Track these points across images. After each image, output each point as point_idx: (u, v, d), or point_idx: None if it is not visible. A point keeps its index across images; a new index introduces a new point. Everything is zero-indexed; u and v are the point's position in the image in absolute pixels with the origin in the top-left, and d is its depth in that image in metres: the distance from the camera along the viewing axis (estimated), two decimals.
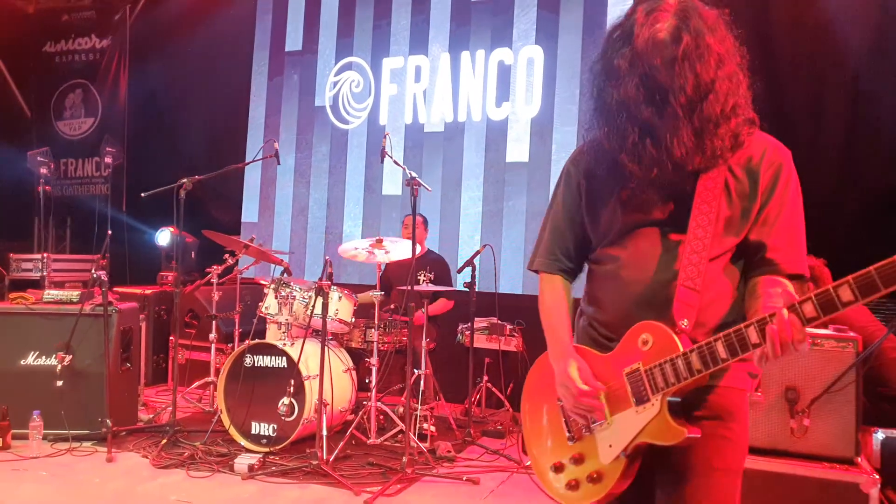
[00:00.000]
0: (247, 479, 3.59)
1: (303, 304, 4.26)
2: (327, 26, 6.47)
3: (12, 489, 3.40)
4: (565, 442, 1.60)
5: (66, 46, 8.11)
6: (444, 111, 5.87)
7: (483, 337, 4.78)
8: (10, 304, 4.30)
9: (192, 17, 7.15)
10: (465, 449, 4.19)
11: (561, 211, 1.69)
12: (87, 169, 7.96)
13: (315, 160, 6.51)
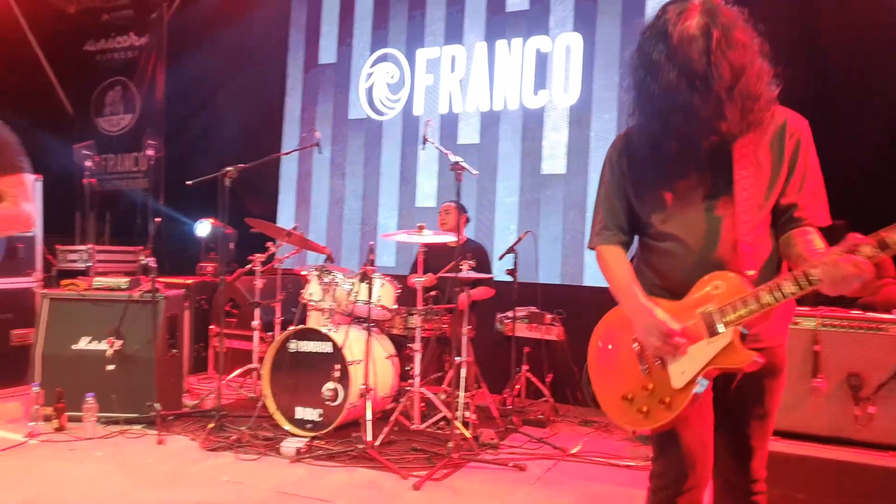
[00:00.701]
0: (294, 463, 3.64)
1: (345, 290, 4.29)
2: (362, 18, 6.51)
3: (71, 468, 3.49)
4: (639, 375, 1.80)
5: (105, 45, 8.25)
6: (480, 100, 5.87)
7: (523, 326, 4.77)
8: (63, 290, 4.41)
9: (228, 13, 7.23)
10: (507, 437, 4.19)
11: (610, 192, 1.89)
12: (126, 164, 8.10)
13: (350, 152, 6.55)
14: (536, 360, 4.83)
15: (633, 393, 1.80)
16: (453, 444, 3.65)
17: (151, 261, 4.22)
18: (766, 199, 1.70)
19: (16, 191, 2.32)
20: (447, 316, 4.49)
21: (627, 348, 1.84)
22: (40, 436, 3.93)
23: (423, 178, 6.12)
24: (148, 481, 3.35)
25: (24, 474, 3.31)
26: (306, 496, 3.18)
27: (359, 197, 6.50)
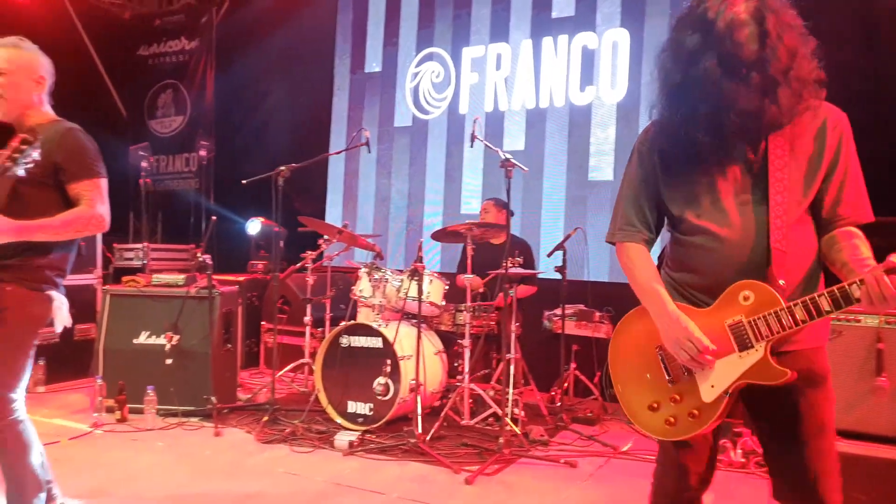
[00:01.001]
0: (347, 456, 3.70)
1: (395, 287, 4.35)
2: (408, 19, 6.57)
3: (135, 457, 3.62)
4: (664, 384, 1.76)
5: (157, 49, 8.50)
6: (526, 98, 5.87)
7: (571, 323, 4.76)
8: (124, 286, 4.56)
9: (275, 16, 7.38)
10: (557, 434, 4.19)
11: (636, 186, 1.83)
12: (176, 164, 8.32)
13: (396, 151, 6.62)
14: (585, 358, 4.81)
15: (658, 402, 1.76)
16: (504, 439, 3.67)
17: (207, 258, 4.34)
18: (804, 194, 1.64)
19: (92, 194, 2.42)
20: (495, 313, 4.51)
21: (651, 354, 1.79)
22: (104, 426, 4.08)
23: (469, 175, 6.15)
24: (208, 471, 3.46)
25: (93, 462, 3.45)
26: (361, 488, 3.24)
27: (404, 195, 6.56)
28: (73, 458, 2.85)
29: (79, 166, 2.42)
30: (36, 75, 2.48)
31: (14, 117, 2.46)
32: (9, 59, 2.41)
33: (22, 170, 2.17)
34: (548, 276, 4.73)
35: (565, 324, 4.58)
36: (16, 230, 2.22)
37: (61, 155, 2.38)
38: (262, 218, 6.42)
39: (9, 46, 2.43)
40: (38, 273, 2.39)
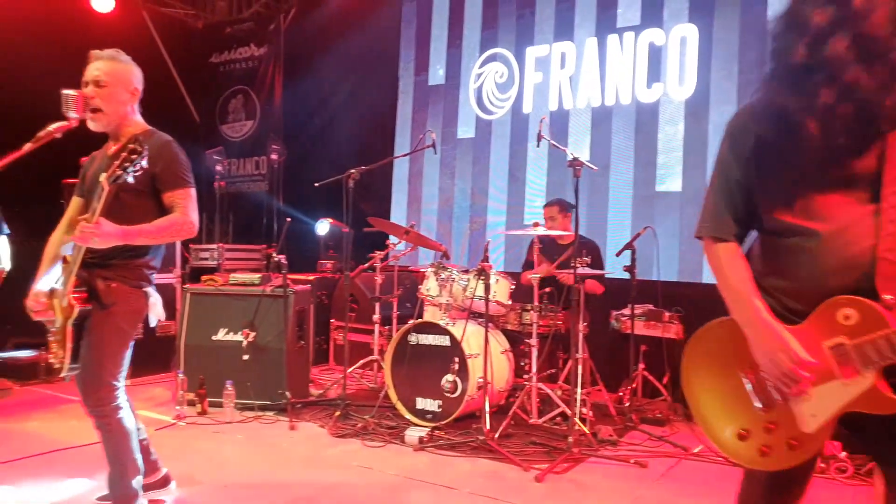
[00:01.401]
0: (418, 451, 3.78)
1: (462, 286, 4.40)
2: (471, 19, 6.62)
3: (217, 448, 3.79)
4: (752, 410, 1.58)
5: (228, 56, 8.81)
6: (591, 96, 5.83)
7: (640, 323, 4.71)
8: (203, 285, 4.77)
9: (340, 22, 7.55)
10: (625, 434, 4.16)
11: (728, 174, 1.62)
12: (247, 167, 8.61)
13: (459, 151, 6.68)
14: (654, 359, 4.75)
15: (749, 430, 1.58)
16: (573, 438, 3.68)
17: (282, 258, 4.50)
18: None
19: (185, 202, 2.59)
20: (562, 312, 4.51)
21: (738, 376, 1.61)
22: (186, 418, 4.28)
23: (533, 175, 6.15)
24: (286, 463, 3.59)
25: (179, 452, 3.62)
26: (433, 483, 3.30)
27: (467, 196, 6.61)
28: (159, 448, 3.02)
29: (174, 176, 2.58)
30: (132, 87, 2.65)
31: (111, 128, 2.63)
32: (108, 72, 2.57)
33: (131, 177, 2.32)
34: (616, 275, 4.69)
35: (634, 324, 4.54)
36: (122, 235, 2.39)
37: (159, 165, 2.54)
38: (330, 219, 6.59)
39: (108, 59, 2.59)
40: (138, 272, 2.57)
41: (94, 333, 2.51)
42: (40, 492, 3.09)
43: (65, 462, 3.48)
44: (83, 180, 2.73)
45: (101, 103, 2.54)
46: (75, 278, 2.44)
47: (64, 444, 3.72)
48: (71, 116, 2.41)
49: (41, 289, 2.58)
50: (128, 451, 2.59)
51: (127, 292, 2.54)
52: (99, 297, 2.49)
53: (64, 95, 2.42)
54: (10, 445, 3.70)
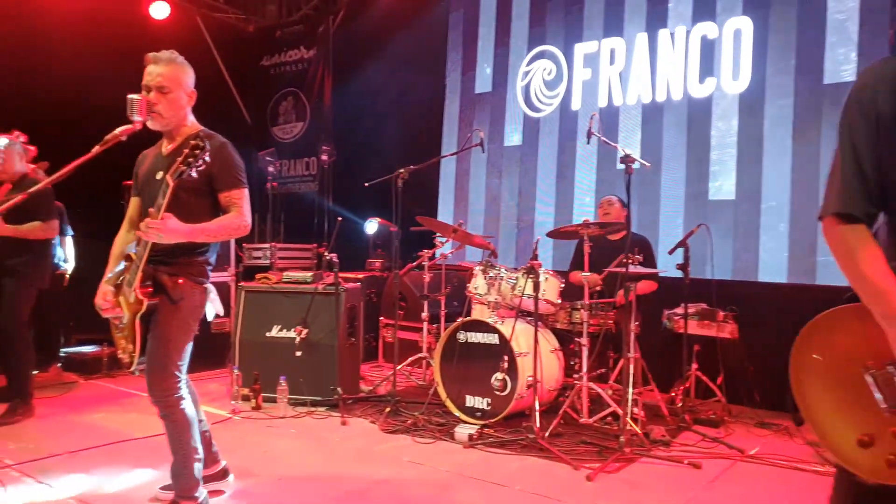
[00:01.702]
0: (468, 448, 3.79)
1: (510, 284, 4.40)
2: (519, 17, 6.60)
3: (272, 442, 3.88)
4: (879, 412, 1.41)
5: (278, 59, 8.99)
6: (642, 92, 5.75)
7: (693, 323, 4.62)
8: (257, 283, 4.89)
9: (388, 23, 7.62)
10: (678, 435, 4.10)
11: (859, 146, 1.42)
12: (297, 168, 8.77)
13: (507, 150, 6.67)
14: (707, 359, 4.66)
15: (872, 435, 1.41)
16: (625, 438, 3.64)
17: (334, 257, 4.58)
18: None
19: (241, 202, 2.69)
20: (613, 311, 4.46)
21: (859, 372, 1.44)
22: (241, 413, 4.40)
23: (582, 172, 6.10)
24: (339, 458, 3.65)
25: (235, 445, 3.72)
26: (484, 480, 3.31)
27: (515, 194, 6.60)
28: (216, 441, 3.12)
29: (230, 177, 2.67)
30: (189, 90, 2.74)
31: (169, 129, 2.72)
32: (169, 77, 2.65)
33: (194, 171, 2.41)
34: (669, 273, 4.62)
35: (687, 323, 4.46)
36: (188, 233, 2.50)
37: (216, 166, 2.63)
38: (378, 218, 6.66)
39: (167, 62, 2.67)
40: (199, 268, 2.68)
41: (161, 327, 2.61)
42: (105, 481, 3.21)
43: (128, 453, 3.62)
44: (136, 179, 2.84)
45: (164, 108, 2.63)
46: (141, 274, 2.53)
47: (126, 435, 3.87)
48: (135, 119, 2.50)
49: (109, 286, 2.69)
50: (190, 440, 2.69)
51: (191, 287, 2.65)
52: (167, 292, 2.59)
53: (129, 100, 2.51)
54: (77, 436, 3.86)
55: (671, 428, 4.14)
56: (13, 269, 4.13)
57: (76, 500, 2.97)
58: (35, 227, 4.14)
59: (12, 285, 4.12)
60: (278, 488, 3.19)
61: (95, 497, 3.01)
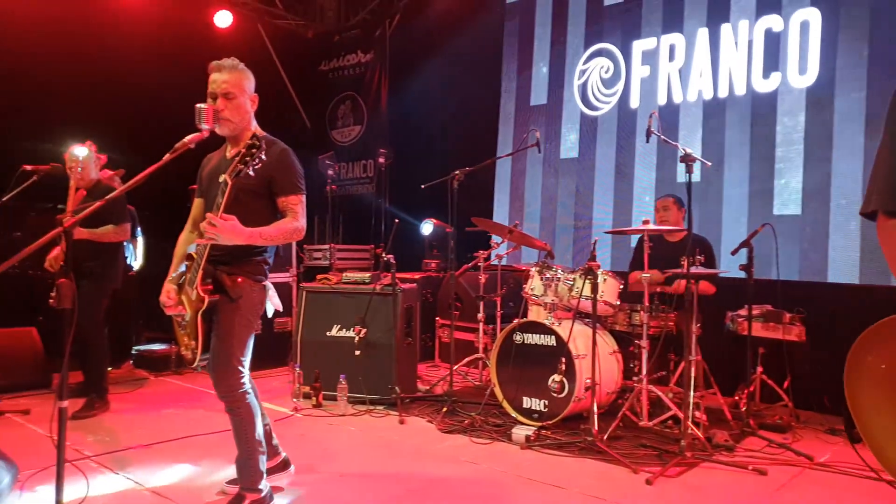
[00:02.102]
0: (525, 449, 3.79)
1: (567, 285, 4.37)
2: (575, 15, 6.54)
3: (332, 439, 3.97)
4: None
5: (336, 63, 9.16)
6: (703, 88, 5.61)
7: (758, 325, 4.48)
8: (318, 284, 5.00)
9: (444, 24, 7.67)
10: (743, 440, 3.99)
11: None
12: (355, 171, 8.92)
13: (564, 149, 6.61)
14: (772, 362, 4.51)
15: None
16: (686, 442, 3.57)
17: (391, 258, 4.64)
18: None
19: (297, 208, 2.79)
20: (673, 313, 4.38)
21: None
22: (302, 410, 4.51)
23: (641, 171, 6.00)
24: (397, 456, 3.71)
25: (296, 442, 3.83)
26: (541, 481, 3.31)
27: (571, 193, 6.54)
28: (279, 438, 3.21)
29: (289, 183, 2.77)
30: (252, 94, 2.83)
31: (235, 134, 2.82)
32: (234, 83, 2.75)
33: (251, 170, 2.50)
34: (731, 274, 4.50)
35: (752, 325, 4.33)
36: (246, 235, 2.58)
37: (276, 171, 2.73)
38: (434, 219, 6.71)
39: (230, 69, 2.77)
40: (258, 267, 2.78)
41: (224, 325, 2.71)
42: (175, 473, 3.35)
43: (196, 447, 3.76)
44: (201, 181, 2.95)
45: (230, 113, 2.73)
46: (202, 272, 2.64)
47: (194, 431, 4.02)
48: (203, 128, 2.59)
49: (172, 285, 2.81)
50: (254, 433, 2.78)
51: (250, 286, 2.74)
52: (227, 291, 2.69)
53: (197, 109, 2.61)
54: (149, 430, 4.04)
55: (735, 433, 4.03)
56: (89, 271, 4.35)
57: (150, 491, 3.12)
58: (108, 230, 4.36)
59: (88, 286, 4.34)
60: (340, 485, 3.27)
61: (168, 489, 3.14)
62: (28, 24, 6.19)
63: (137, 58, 6.70)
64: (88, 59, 6.49)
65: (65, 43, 6.35)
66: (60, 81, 6.28)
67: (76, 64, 6.37)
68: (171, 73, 6.29)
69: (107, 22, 6.72)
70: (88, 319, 4.35)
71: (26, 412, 4.28)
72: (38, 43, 6.19)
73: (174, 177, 4.33)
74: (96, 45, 6.57)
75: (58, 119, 5.98)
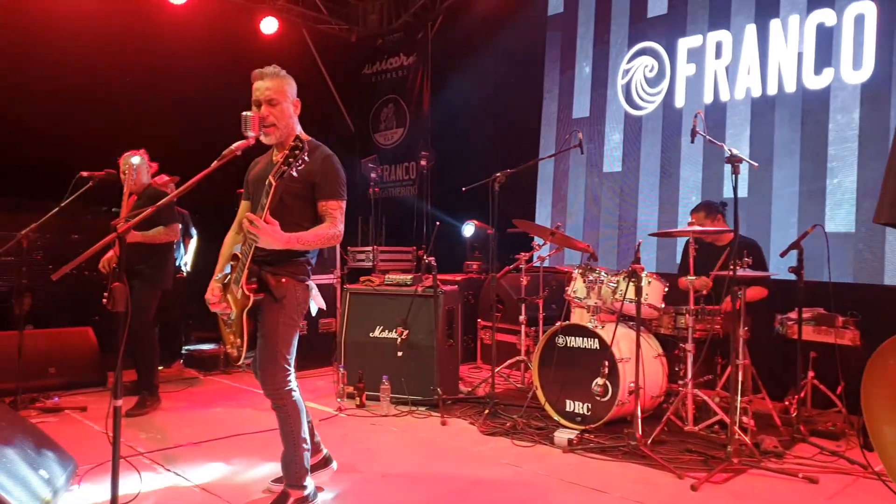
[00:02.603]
0: (567, 453, 3.76)
1: (610, 288, 4.32)
2: (619, 14, 6.47)
3: (375, 439, 4.02)
4: None
5: (379, 67, 9.25)
6: (751, 85, 5.48)
7: (809, 328, 4.35)
8: (360, 285, 5.07)
9: (486, 26, 7.67)
10: (793, 447, 3.88)
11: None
12: (398, 173, 8.99)
13: (607, 149, 6.54)
14: (825, 367, 4.37)
15: None
16: (732, 448, 3.49)
17: (432, 260, 4.67)
18: None
19: (336, 213, 2.84)
20: (720, 316, 4.29)
21: None
22: (346, 410, 4.57)
23: (687, 171, 5.90)
24: (439, 457, 3.73)
25: (339, 441, 3.88)
26: (583, 485, 3.28)
27: (616, 194, 6.46)
28: (323, 437, 3.27)
29: (331, 188, 2.83)
30: (294, 99, 2.90)
31: (281, 140, 2.88)
32: (277, 90, 2.82)
33: (294, 171, 2.56)
34: (781, 277, 4.38)
35: (802, 328, 4.21)
36: (286, 241, 2.67)
37: (319, 175, 2.79)
38: (475, 220, 6.72)
39: (272, 76, 2.83)
40: (301, 267, 2.85)
41: (269, 324, 2.78)
42: (224, 471, 3.45)
43: (243, 445, 3.86)
44: (247, 185, 3.03)
45: (276, 120, 2.80)
46: (247, 272, 2.72)
47: (242, 430, 4.12)
48: (249, 135, 2.66)
49: (217, 284, 2.89)
50: (300, 430, 2.84)
51: (294, 285, 2.81)
52: (271, 290, 2.76)
53: (243, 117, 2.68)
54: (199, 428, 4.15)
55: (784, 439, 3.93)
56: (140, 272, 4.50)
57: (199, 488, 3.21)
58: (159, 231, 4.50)
59: (139, 287, 4.49)
60: (382, 485, 3.30)
61: (215, 485, 3.23)
62: (88, 41, 6.44)
63: (187, 67, 6.90)
64: (142, 71, 6.73)
65: (120, 58, 6.61)
66: (115, 93, 6.54)
67: (130, 75, 6.62)
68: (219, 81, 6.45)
69: (158, 33, 6.93)
70: (139, 320, 4.48)
71: (83, 409, 4.46)
72: (96, 58, 6.46)
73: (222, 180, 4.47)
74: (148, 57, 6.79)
75: (113, 128, 6.21)
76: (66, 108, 6.23)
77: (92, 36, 6.46)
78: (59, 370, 4.91)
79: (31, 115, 6.05)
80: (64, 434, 3.72)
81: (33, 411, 4.38)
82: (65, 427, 4.11)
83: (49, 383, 4.81)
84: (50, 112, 6.12)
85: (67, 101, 6.23)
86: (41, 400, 4.53)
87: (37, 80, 6.19)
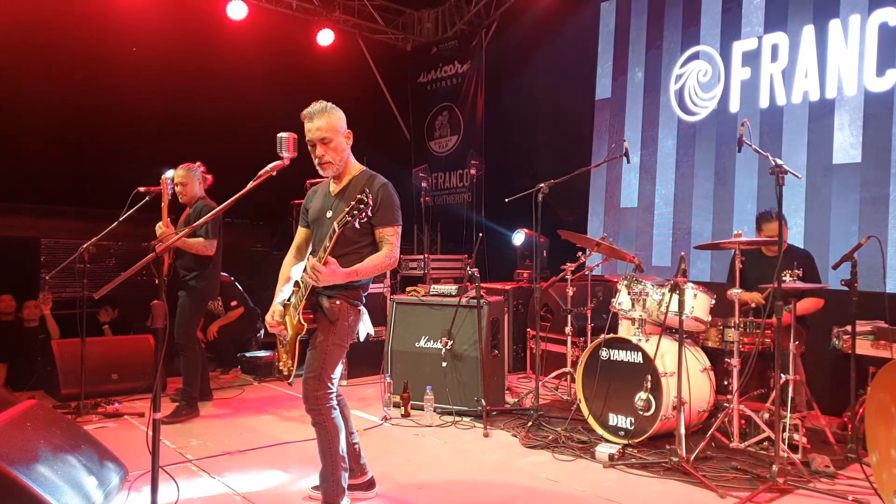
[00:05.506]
0: (608, 468, 3.73)
1: (656, 300, 4.25)
2: (672, 18, 6.34)
3: (417, 449, 4.09)
4: None
5: (434, 75, 9.34)
6: (809, 89, 5.29)
7: (867, 343, 4.17)
8: (407, 295, 5.15)
9: (539, 33, 7.66)
10: (846, 466, 3.72)
11: None
12: (451, 181, 9.06)
13: (661, 155, 6.43)
14: None
15: None
16: (778, 467, 3.38)
17: (476, 270, 4.70)
18: None
19: (393, 239, 2.96)
20: (770, 329, 4.15)
21: None
22: (391, 420, 4.66)
23: (742, 177, 5.73)
24: (479, 469, 3.76)
25: (382, 451, 3.97)
26: (620, 502, 3.25)
27: (669, 202, 6.34)
28: (366, 446, 3.35)
29: (387, 215, 2.95)
30: (345, 132, 2.99)
31: (337, 174, 3.00)
32: (328, 128, 2.91)
33: (357, 223, 2.71)
34: (838, 288, 4.21)
35: (858, 343, 4.03)
36: (345, 276, 2.81)
37: (375, 205, 2.89)
38: (525, 229, 6.71)
39: (321, 114, 2.92)
40: (356, 293, 2.98)
41: (320, 343, 2.92)
42: (267, 479, 3.58)
43: (287, 455, 3.99)
44: (306, 213, 3.15)
45: (331, 157, 2.92)
46: (305, 302, 2.88)
47: (286, 439, 4.24)
48: (284, 156, 2.76)
49: (278, 307, 3.03)
50: (338, 448, 2.93)
51: (347, 309, 2.93)
52: (325, 312, 2.89)
53: (278, 138, 2.77)
54: (246, 436, 4.32)
55: (838, 458, 3.78)
56: (185, 284, 4.70)
57: (241, 496, 3.34)
58: (199, 242, 4.65)
59: (184, 299, 4.68)
60: (417, 497, 3.36)
61: (257, 495, 3.35)
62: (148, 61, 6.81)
63: (247, 77, 7.17)
64: (203, 85, 7.03)
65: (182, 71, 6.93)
66: (176, 108, 6.86)
67: (191, 91, 6.94)
68: (277, 93, 6.69)
69: (219, 49, 7.23)
70: (182, 330, 4.68)
71: (141, 415, 4.70)
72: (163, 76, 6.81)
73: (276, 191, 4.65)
74: (208, 71, 7.10)
75: (171, 142, 6.54)
76: (132, 123, 6.60)
77: (156, 53, 6.81)
78: (120, 376, 5.18)
79: (96, 130, 6.46)
80: (120, 440, 3.94)
81: (95, 416, 4.63)
82: (122, 432, 4.34)
83: (111, 389, 5.08)
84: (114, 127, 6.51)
85: (132, 117, 6.60)
86: (103, 405, 4.79)
87: (103, 97, 6.58)
